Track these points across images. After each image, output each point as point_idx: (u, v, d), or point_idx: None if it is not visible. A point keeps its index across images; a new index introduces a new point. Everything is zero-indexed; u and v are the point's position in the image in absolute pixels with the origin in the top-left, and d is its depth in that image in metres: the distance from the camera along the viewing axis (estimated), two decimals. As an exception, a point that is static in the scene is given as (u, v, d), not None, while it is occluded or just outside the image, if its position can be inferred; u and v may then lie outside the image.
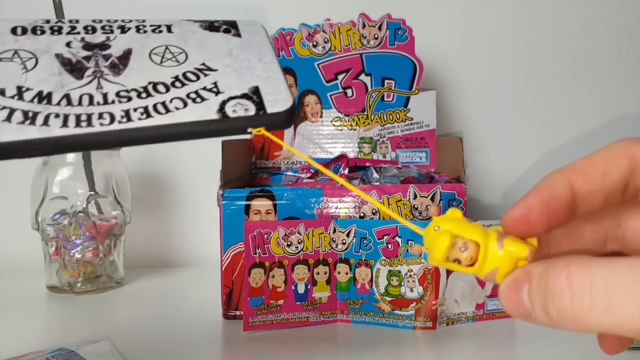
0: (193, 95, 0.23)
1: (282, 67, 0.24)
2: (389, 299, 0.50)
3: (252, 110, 0.22)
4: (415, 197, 0.52)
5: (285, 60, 0.63)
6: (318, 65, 0.63)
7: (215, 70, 0.24)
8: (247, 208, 0.52)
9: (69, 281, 0.61)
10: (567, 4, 0.74)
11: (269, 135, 0.23)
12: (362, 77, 0.63)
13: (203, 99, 0.23)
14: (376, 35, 0.62)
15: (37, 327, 0.52)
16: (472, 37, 0.75)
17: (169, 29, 0.25)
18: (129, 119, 0.22)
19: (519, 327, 0.51)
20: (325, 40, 0.63)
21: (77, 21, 0.24)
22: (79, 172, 0.61)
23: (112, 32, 0.24)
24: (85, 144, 0.21)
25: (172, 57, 0.24)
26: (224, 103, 0.22)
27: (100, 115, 0.21)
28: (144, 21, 0.25)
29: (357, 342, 0.48)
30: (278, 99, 0.23)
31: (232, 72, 0.24)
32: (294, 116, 0.23)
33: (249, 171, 0.63)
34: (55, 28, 0.24)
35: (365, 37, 0.63)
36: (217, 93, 0.23)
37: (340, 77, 0.63)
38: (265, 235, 0.49)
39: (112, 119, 0.21)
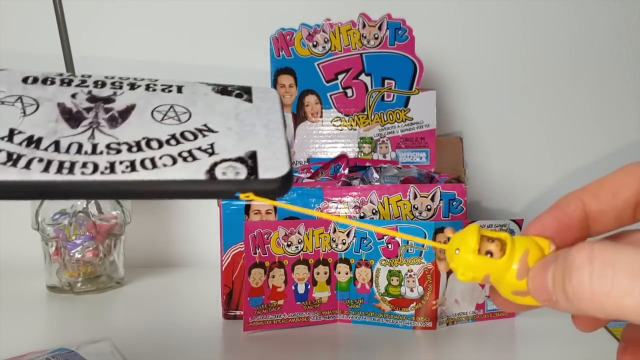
0: (185, 154, 0.22)
1: (287, 137, 0.24)
2: (389, 299, 0.50)
3: (242, 174, 0.22)
4: (415, 197, 0.52)
5: (285, 60, 0.63)
6: (318, 65, 0.63)
7: (216, 132, 0.23)
8: (247, 208, 0.52)
9: (69, 281, 0.61)
10: (567, 4, 0.74)
11: (257, 199, 0.22)
12: (362, 77, 0.63)
13: (195, 159, 0.22)
14: (376, 35, 0.62)
15: (37, 327, 0.52)
16: (472, 37, 0.75)
17: (179, 89, 0.25)
18: (112, 171, 0.21)
19: (519, 327, 0.51)
20: (325, 40, 0.63)
21: (90, 76, 0.25)
22: (79, 172, 0.61)
23: (120, 87, 0.24)
24: (65, 192, 0.21)
25: (175, 115, 0.23)
26: (215, 164, 0.22)
27: (84, 165, 0.21)
28: (156, 81, 0.25)
29: (357, 342, 0.48)
30: (274, 165, 0.22)
31: (234, 135, 0.23)
32: (290, 183, 0.22)
33: (249, 171, 0.63)
34: (66, 80, 0.24)
35: (365, 37, 0.63)
36: (212, 154, 0.22)
37: (340, 77, 0.63)
38: (265, 235, 0.49)
39: (95, 169, 0.21)
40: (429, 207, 0.52)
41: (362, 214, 0.52)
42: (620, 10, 0.74)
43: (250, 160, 0.22)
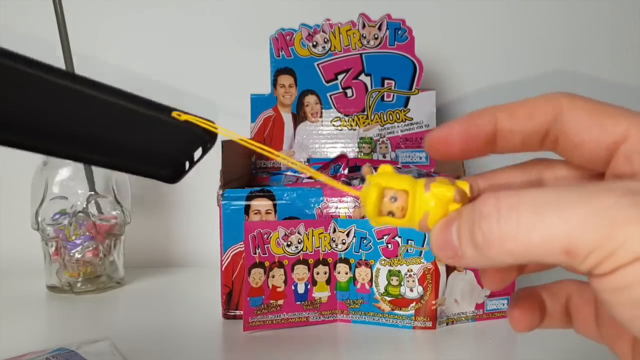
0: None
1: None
2: (388, 298, 0.51)
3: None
4: (415, 197, 0.52)
5: (285, 60, 0.63)
6: (318, 65, 0.63)
7: None
8: (247, 208, 0.52)
9: (69, 281, 0.61)
10: (568, 4, 0.74)
11: (189, 117, 0.24)
12: (362, 77, 0.63)
13: None
14: (376, 35, 0.62)
15: (37, 327, 0.52)
16: (472, 37, 0.75)
17: None
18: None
19: (519, 327, 0.51)
20: (325, 40, 0.63)
21: None
22: (79, 172, 0.61)
23: None
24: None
25: None
26: None
27: None
28: None
29: (357, 342, 0.48)
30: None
31: None
32: (214, 137, 0.26)
33: (249, 171, 0.63)
34: None
35: (365, 37, 0.63)
36: None
37: (340, 77, 0.64)
38: (265, 235, 0.49)
39: None
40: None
41: (362, 214, 0.52)
42: (620, 10, 0.74)
43: None
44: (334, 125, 0.64)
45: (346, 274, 0.51)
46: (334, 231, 0.51)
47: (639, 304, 0.17)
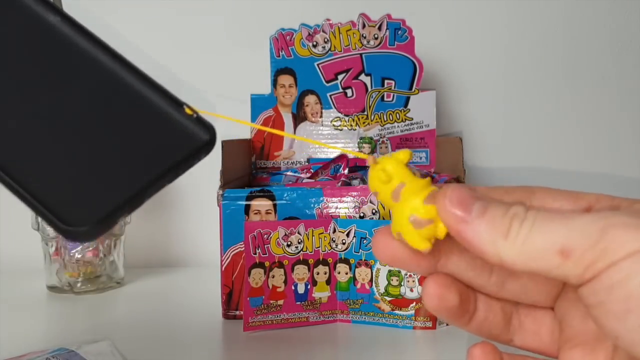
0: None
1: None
2: (388, 298, 0.51)
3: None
4: (415, 197, 0.52)
5: (285, 60, 0.63)
6: (318, 65, 0.63)
7: None
8: (247, 208, 0.52)
9: (69, 281, 0.61)
10: (568, 3, 0.74)
11: (197, 110, 0.25)
12: (362, 77, 0.63)
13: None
14: (376, 35, 0.62)
15: (37, 327, 0.52)
16: (472, 37, 0.75)
17: None
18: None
19: (519, 327, 0.51)
20: (325, 40, 0.63)
21: None
22: (79, 172, 0.61)
23: None
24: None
25: None
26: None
27: None
28: None
29: (357, 342, 0.48)
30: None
31: None
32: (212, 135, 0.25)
33: (249, 171, 0.63)
34: None
35: (365, 37, 0.63)
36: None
37: (340, 77, 0.63)
38: (265, 235, 0.49)
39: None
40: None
41: (361, 214, 0.52)
42: (620, 10, 0.74)
43: None
44: (334, 125, 0.64)
45: (346, 274, 0.51)
46: (334, 231, 0.51)
47: (631, 297, 0.18)
